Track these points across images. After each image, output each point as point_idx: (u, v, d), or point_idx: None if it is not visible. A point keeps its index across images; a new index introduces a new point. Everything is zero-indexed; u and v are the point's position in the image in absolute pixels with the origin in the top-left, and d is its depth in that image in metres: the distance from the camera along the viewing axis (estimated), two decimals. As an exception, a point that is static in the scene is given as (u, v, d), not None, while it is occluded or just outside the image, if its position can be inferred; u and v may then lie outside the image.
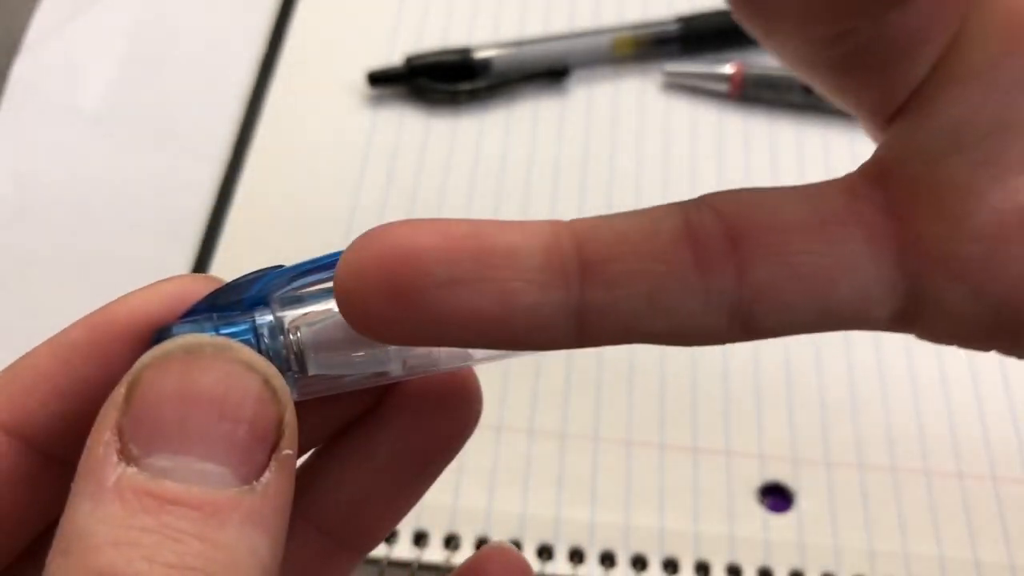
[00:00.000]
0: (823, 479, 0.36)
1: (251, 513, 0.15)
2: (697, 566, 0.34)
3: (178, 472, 0.14)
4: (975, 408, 0.38)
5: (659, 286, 0.15)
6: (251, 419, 0.15)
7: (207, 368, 0.15)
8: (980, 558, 0.34)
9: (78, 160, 0.44)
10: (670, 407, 0.38)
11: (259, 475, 0.15)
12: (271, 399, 0.15)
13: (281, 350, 0.17)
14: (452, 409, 0.20)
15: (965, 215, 0.16)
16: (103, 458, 0.15)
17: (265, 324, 0.17)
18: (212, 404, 0.15)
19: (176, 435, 0.15)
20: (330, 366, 0.17)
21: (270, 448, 0.15)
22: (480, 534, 0.35)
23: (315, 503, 0.20)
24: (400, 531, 0.35)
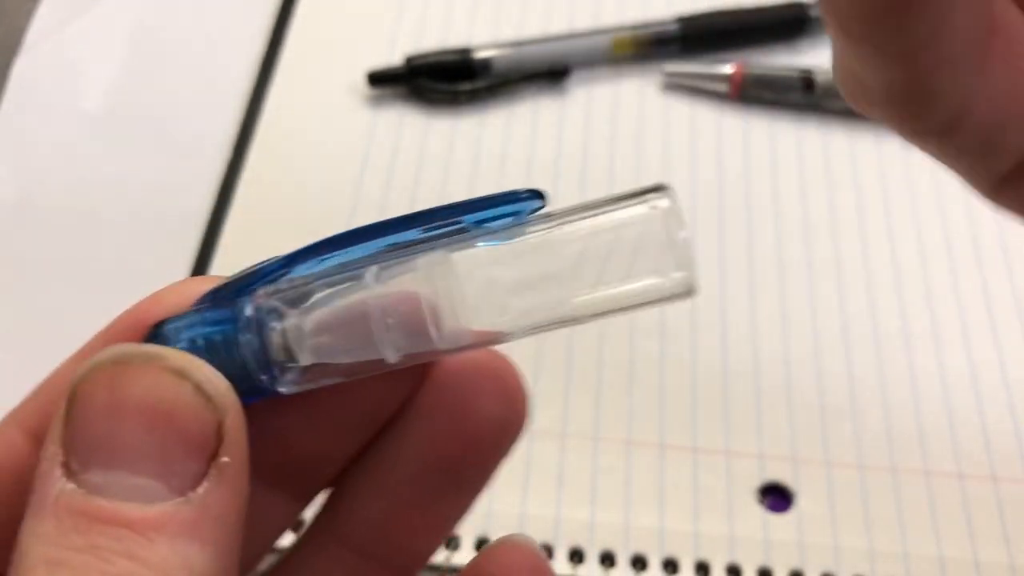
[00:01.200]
0: (823, 479, 0.36)
1: (184, 526, 0.14)
2: (697, 566, 0.34)
3: (111, 488, 0.14)
4: (975, 408, 0.38)
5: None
6: (182, 428, 0.15)
7: (135, 379, 0.15)
8: (980, 558, 0.34)
9: (78, 160, 0.44)
10: (670, 407, 0.38)
11: (195, 486, 0.15)
12: (204, 406, 0.15)
13: (265, 339, 0.17)
14: (486, 406, 0.19)
15: None
16: (47, 473, 0.15)
17: (246, 314, 0.17)
18: (141, 416, 0.15)
19: (107, 450, 0.15)
20: (322, 354, 0.17)
21: (207, 457, 0.15)
22: (480, 534, 0.35)
23: (344, 522, 0.20)
24: (400, 531, 0.34)
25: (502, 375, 0.19)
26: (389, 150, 0.44)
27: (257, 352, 0.17)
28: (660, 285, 0.16)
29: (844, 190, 0.43)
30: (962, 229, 0.43)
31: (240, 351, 0.17)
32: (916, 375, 0.38)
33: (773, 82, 0.46)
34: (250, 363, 0.17)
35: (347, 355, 0.17)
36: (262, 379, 0.17)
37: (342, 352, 0.17)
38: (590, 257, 0.17)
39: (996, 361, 0.39)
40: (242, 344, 0.17)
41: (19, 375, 0.19)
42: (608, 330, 0.39)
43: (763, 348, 0.39)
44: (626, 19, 0.48)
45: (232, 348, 0.17)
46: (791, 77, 0.45)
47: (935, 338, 0.39)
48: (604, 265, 0.16)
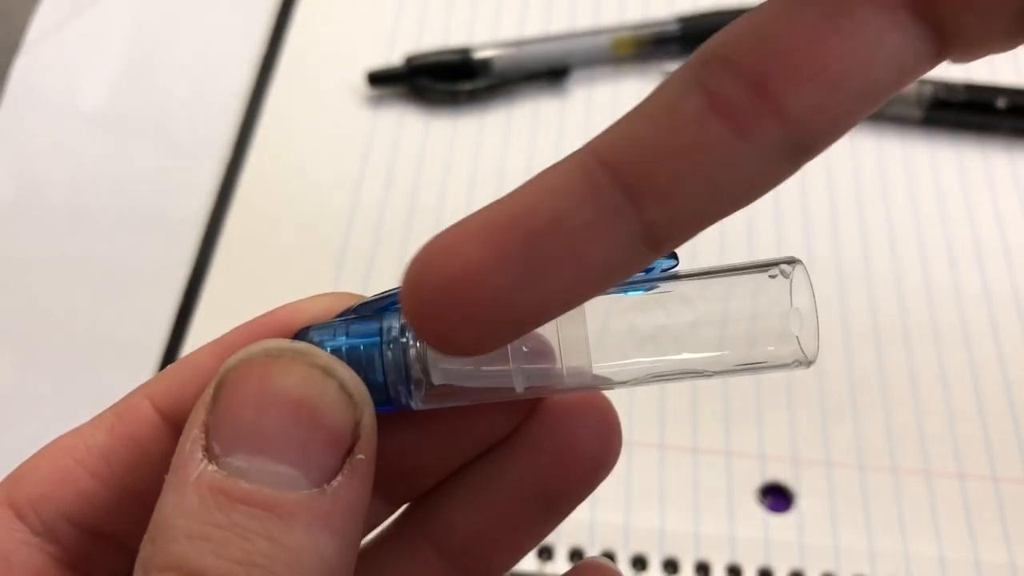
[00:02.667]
0: (823, 479, 0.36)
1: (319, 516, 0.15)
2: (697, 566, 0.34)
3: (252, 472, 0.15)
4: (975, 408, 0.38)
5: (710, 173, 0.15)
6: (325, 423, 0.16)
7: (285, 372, 0.16)
8: (980, 558, 0.34)
9: (78, 160, 0.44)
10: (670, 407, 0.38)
11: (330, 479, 0.15)
12: (346, 404, 0.16)
13: (407, 356, 0.17)
14: (588, 444, 0.20)
15: None
16: (189, 454, 0.15)
17: (393, 329, 0.18)
18: (288, 407, 0.16)
19: (253, 436, 0.15)
20: (453, 376, 0.18)
21: (343, 452, 0.16)
22: (480, 534, 0.35)
23: (439, 526, 0.20)
24: (400, 531, 0.35)
25: (603, 414, 0.20)
26: (389, 150, 0.44)
27: (396, 366, 0.17)
28: (778, 354, 0.17)
29: (843, 189, 0.43)
30: (962, 228, 0.43)
31: (381, 363, 0.17)
32: (916, 375, 0.38)
33: (773, 82, 0.46)
34: (389, 376, 0.17)
35: (478, 381, 0.18)
36: (396, 393, 0.18)
37: (474, 378, 0.18)
38: (713, 317, 0.17)
39: (996, 361, 0.39)
40: (384, 356, 0.17)
41: (19, 375, 0.19)
42: (608, 330, 0.39)
43: (763, 348, 0.39)
44: (626, 19, 0.48)
45: (373, 359, 0.17)
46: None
47: (935, 338, 0.39)
48: (726, 327, 0.17)
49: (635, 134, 0.15)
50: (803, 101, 0.14)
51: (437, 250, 0.15)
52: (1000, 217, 0.43)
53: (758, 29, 0.15)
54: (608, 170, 0.15)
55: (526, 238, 0.15)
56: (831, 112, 0.15)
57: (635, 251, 0.15)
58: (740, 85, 0.14)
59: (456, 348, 0.15)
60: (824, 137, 0.15)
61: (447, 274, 0.15)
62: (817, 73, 0.14)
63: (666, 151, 0.15)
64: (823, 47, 0.14)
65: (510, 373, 0.17)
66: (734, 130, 0.14)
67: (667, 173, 0.15)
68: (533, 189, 0.15)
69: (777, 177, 0.15)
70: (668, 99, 0.15)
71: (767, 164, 0.15)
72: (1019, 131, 0.45)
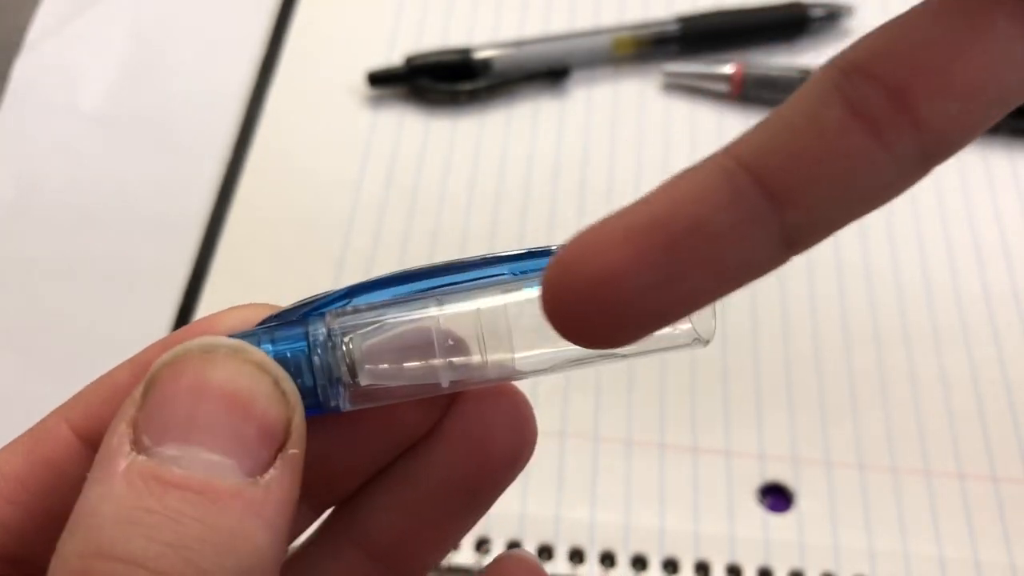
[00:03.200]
0: (823, 479, 0.36)
1: (252, 504, 0.15)
2: (697, 566, 0.34)
3: (185, 460, 0.15)
4: (975, 408, 0.38)
5: (852, 180, 0.15)
6: (259, 416, 0.16)
7: (220, 366, 0.16)
8: (980, 558, 0.34)
9: (78, 160, 0.44)
10: (670, 407, 0.38)
11: (263, 471, 0.16)
12: (280, 400, 0.16)
13: (334, 359, 0.18)
14: (503, 437, 0.20)
15: None
16: (116, 448, 0.15)
17: (319, 334, 0.18)
18: (222, 399, 0.16)
19: (186, 427, 0.15)
20: (380, 377, 0.18)
21: (276, 446, 0.16)
22: (480, 534, 0.35)
23: (362, 527, 0.21)
24: (400, 531, 0.35)
25: (518, 407, 0.20)
26: (389, 150, 0.44)
27: (323, 369, 0.18)
28: (671, 335, 0.18)
29: (844, 190, 0.43)
30: (962, 228, 0.43)
31: (308, 367, 0.18)
32: (916, 375, 0.38)
33: (773, 82, 0.46)
34: (317, 379, 0.18)
35: (405, 379, 0.18)
36: (324, 396, 0.18)
37: (401, 376, 0.18)
38: None
39: (996, 361, 0.39)
40: (311, 360, 0.18)
41: (19, 375, 0.19)
42: (608, 330, 0.39)
43: (763, 348, 0.39)
44: (626, 19, 0.48)
45: (300, 363, 0.18)
46: (791, 77, 0.45)
47: (935, 338, 0.39)
48: None
49: (778, 140, 0.15)
50: (941, 112, 0.15)
51: (581, 251, 0.15)
52: (1000, 217, 0.43)
53: (897, 40, 0.15)
54: (751, 175, 0.15)
55: (669, 241, 0.15)
56: (967, 121, 0.15)
57: (775, 253, 0.15)
58: (880, 96, 0.15)
59: (593, 343, 0.16)
60: (958, 145, 0.16)
61: (591, 275, 0.15)
62: (956, 86, 0.15)
63: (810, 158, 0.15)
64: (962, 60, 0.15)
65: (436, 370, 0.18)
66: (875, 139, 0.15)
67: (811, 179, 0.15)
68: (674, 191, 0.15)
69: (911, 182, 0.16)
70: (810, 106, 0.15)
71: (904, 170, 0.15)
72: (1019, 131, 0.45)
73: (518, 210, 0.42)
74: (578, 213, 0.42)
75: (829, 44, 0.48)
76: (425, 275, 0.19)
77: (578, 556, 0.34)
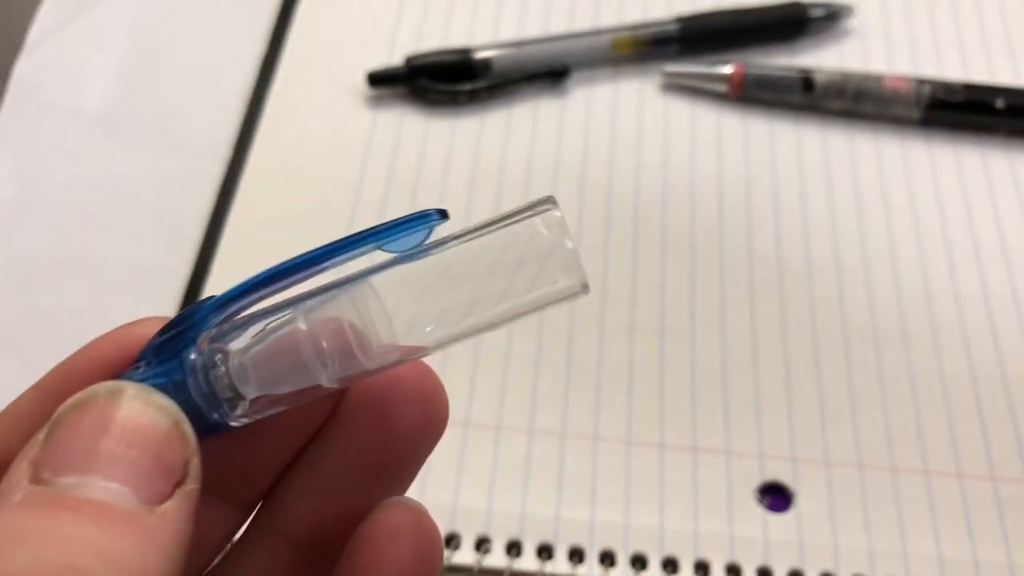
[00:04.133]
0: (823, 479, 0.36)
1: (146, 530, 0.15)
2: (697, 566, 0.34)
3: (82, 488, 0.15)
4: (975, 408, 0.38)
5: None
6: (158, 451, 0.16)
7: (124, 407, 0.16)
8: (980, 558, 0.35)
9: (79, 160, 0.44)
10: (670, 407, 0.38)
11: (160, 502, 0.16)
12: (180, 439, 0.17)
13: (214, 381, 0.18)
14: (406, 411, 0.20)
15: None
16: (15, 483, 0.16)
17: (194, 360, 0.18)
18: (123, 434, 0.16)
19: (85, 459, 0.16)
20: (262, 388, 0.18)
21: (174, 481, 0.16)
22: (480, 534, 0.35)
23: (283, 517, 0.21)
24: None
25: (420, 380, 0.21)
26: (389, 150, 0.44)
27: (206, 394, 0.18)
28: (555, 290, 0.18)
29: (843, 190, 0.44)
30: (961, 228, 0.43)
31: (190, 395, 0.18)
32: (916, 375, 0.39)
33: (773, 82, 0.46)
34: (201, 404, 0.18)
35: (287, 385, 0.18)
36: (214, 417, 0.18)
37: (282, 383, 0.18)
38: (492, 269, 0.18)
39: (996, 360, 0.39)
40: (191, 389, 0.18)
41: (20, 375, 0.19)
42: (608, 330, 0.39)
43: (763, 347, 0.39)
44: (626, 19, 0.48)
45: (183, 393, 0.18)
46: (791, 77, 0.46)
47: (934, 338, 0.40)
48: (505, 275, 0.18)
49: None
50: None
51: None
52: (999, 218, 0.43)
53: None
54: None
55: None
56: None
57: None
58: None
59: None
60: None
61: None
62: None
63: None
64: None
65: (314, 374, 0.18)
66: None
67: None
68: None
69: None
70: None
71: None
72: (1018, 131, 0.45)
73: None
74: (578, 213, 0.42)
75: (829, 44, 0.48)
76: (293, 270, 0.19)
77: (578, 556, 0.34)
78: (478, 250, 0.18)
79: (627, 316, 0.39)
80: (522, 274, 0.18)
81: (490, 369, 0.38)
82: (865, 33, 0.49)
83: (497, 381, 0.38)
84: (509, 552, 0.34)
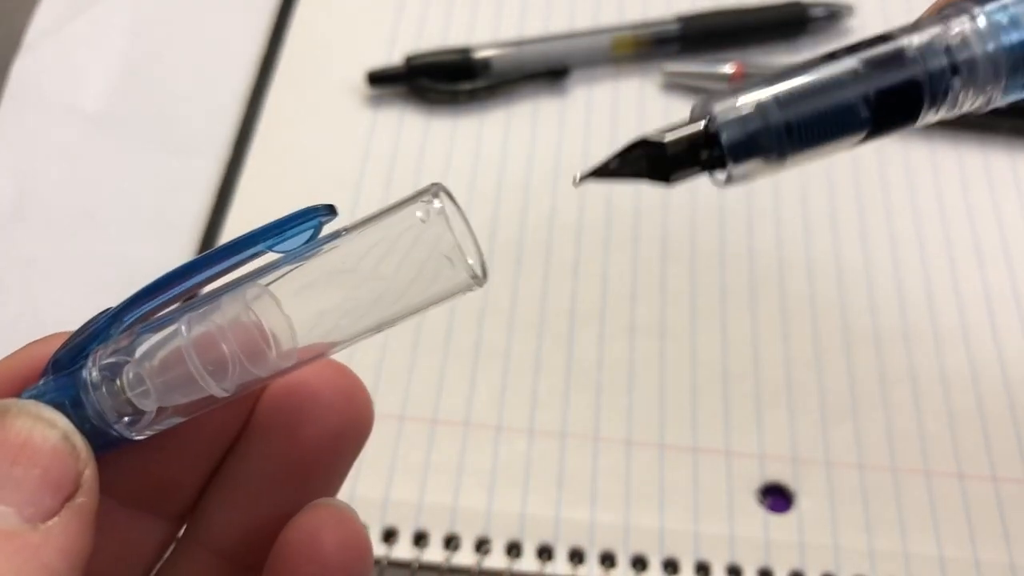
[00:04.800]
0: (823, 479, 0.36)
1: (27, 548, 0.15)
2: (697, 566, 0.34)
3: None
4: (975, 408, 0.38)
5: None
6: (44, 465, 0.16)
7: (10, 424, 0.16)
8: (980, 558, 0.34)
9: (78, 160, 0.44)
10: (670, 407, 0.38)
11: (46, 519, 0.16)
12: (69, 452, 0.17)
13: (110, 395, 0.18)
14: (322, 416, 0.20)
15: None
16: None
17: (89, 377, 0.18)
18: (8, 452, 0.16)
19: None
20: (161, 398, 0.18)
21: (63, 496, 0.16)
22: (480, 534, 0.35)
23: (209, 529, 0.21)
24: (400, 531, 0.35)
25: (336, 383, 0.20)
26: (389, 150, 0.44)
27: (103, 409, 0.18)
28: (446, 284, 0.18)
29: (843, 190, 0.43)
30: (962, 228, 0.43)
31: (88, 411, 0.18)
32: (916, 375, 0.38)
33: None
34: (99, 419, 0.18)
35: (182, 396, 0.18)
36: (113, 431, 0.18)
37: (177, 395, 0.18)
38: (382, 263, 0.18)
39: (996, 361, 0.39)
40: (88, 405, 0.18)
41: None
42: (608, 330, 0.39)
43: (763, 348, 0.39)
44: (626, 19, 0.48)
45: (81, 409, 0.18)
46: (791, 77, 0.45)
47: (935, 338, 0.39)
48: (397, 269, 0.18)
49: None
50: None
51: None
52: (1000, 217, 0.43)
53: None
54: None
55: None
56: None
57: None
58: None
59: None
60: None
61: None
62: None
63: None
64: None
65: (204, 386, 0.18)
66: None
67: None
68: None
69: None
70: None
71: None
72: (1019, 131, 0.45)
73: (518, 210, 0.42)
74: (578, 212, 0.42)
75: (829, 44, 0.48)
76: (179, 277, 0.19)
77: (578, 556, 0.34)
78: (366, 245, 0.18)
79: (627, 316, 0.39)
80: (411, 267, 0.17)
81: (490, 369, 0.38)
82: (865, 33, 0.48)
83: (497, 381, 0.38)
84: (509, 553, 0.34)
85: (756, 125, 0.18)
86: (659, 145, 0.18)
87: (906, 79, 0.17)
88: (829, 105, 0.17)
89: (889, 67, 0.17)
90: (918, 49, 0.17)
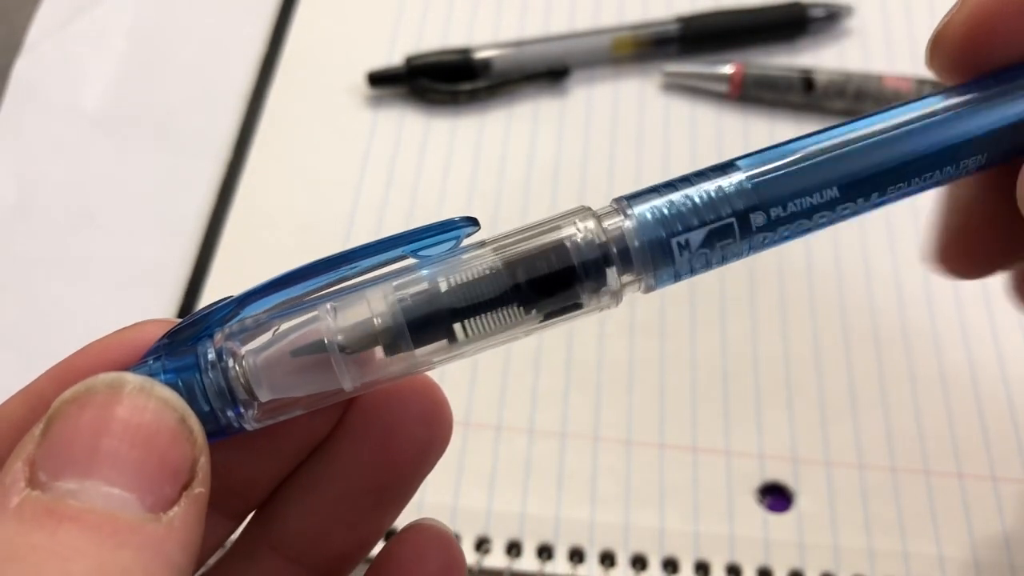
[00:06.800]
0: (823, 479, 0.36)
1: (152, 541, 0.14)
2: (697, 566, 0.34)
3: (83, 494, 0.14)
4: (975, 408, 0.38)
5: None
6: (163, 451, 0.15)
7: (126, 402, 0.15)
8: (980, 558, 0.34)
9: (79, 160, 0.44)
10: (670, 407, 0.38)
11: (167, 508, 0.15)
12: (187, 437, 0.16)
13: (228, 381, 0.17)
14: (412, 430, 0.20)
15: None
16: (9, 485, 0.15)
17: (210, 357, 0.17)
18: (126, 434, 0.15)
19: (86, 461, 0.15)
20: (280, 390, 0.17)
21: (181, 484, 0.15)
22: (480, 534, 0.35)
23: (278, 532, 0.20)
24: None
25: (427, 395, 0.20)
26: (389, 150, 0.44)
27: (221, 394, 0.17)
28: (589, 305, 0.18)
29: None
30: (962, 229, 0.43)
31: (205, 394, 0.17)
32: (916, 375, 0.39)
33: (773, 82, 0.46)
34: (215, 403, 0.17)
35: (306, 388, 0.17)
36: (225, 420, 0.17)
37: (301, 385, 0.17)
38: (528, 276, 0.18)
39: (995, 361, 0.39)
40: (206, 387, 0.17)
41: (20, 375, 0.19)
42: (608, 330, 0.39)
43: (763, 348, 0.39)
44: (626, 19, 0.48)
45: (196, 392, 0.17)
46: (791, 77, 0.46)
47: (934, 338, 0.39)
48: (539, 283, 0.18)
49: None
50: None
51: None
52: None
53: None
54: None
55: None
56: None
57: None
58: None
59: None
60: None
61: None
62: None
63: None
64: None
65: (336, 376, 0.17)
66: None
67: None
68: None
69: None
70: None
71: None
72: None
73: (518, 210, 0.42)
74: (578, 213, 0.42)
75: (829, 44, 0.48)
76: (316, 271, 0.18)
77: (578, 556, 0.34)
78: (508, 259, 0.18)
79: (627, 316, 0.39)
80: (551, 284, 0.18)
81: (490, 369, 0.38)
82: (865, 33, 0.49)
83: (497, 381, 0.38)
84: (509, 552, 0.34)
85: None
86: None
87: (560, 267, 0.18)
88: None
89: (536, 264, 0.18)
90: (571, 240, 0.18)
